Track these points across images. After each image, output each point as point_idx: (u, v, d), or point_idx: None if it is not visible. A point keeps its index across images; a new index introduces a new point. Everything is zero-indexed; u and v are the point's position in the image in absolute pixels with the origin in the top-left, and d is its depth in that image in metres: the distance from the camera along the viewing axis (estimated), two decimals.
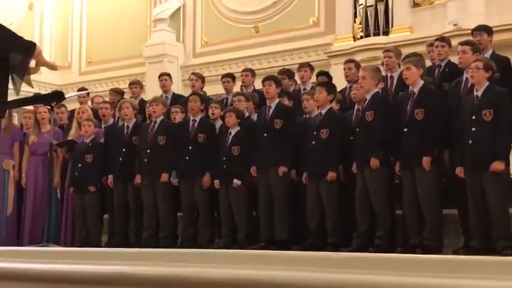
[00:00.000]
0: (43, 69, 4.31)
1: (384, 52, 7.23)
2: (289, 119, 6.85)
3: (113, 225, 7.75)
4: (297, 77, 8.27)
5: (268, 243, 6.58)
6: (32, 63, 4.09)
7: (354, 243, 6.07)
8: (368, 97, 6.23)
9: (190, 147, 7.25)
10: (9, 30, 4.62)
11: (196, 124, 7.35)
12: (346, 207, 6.33)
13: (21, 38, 4.64)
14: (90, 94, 9.88)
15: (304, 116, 7.04)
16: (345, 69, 7.50)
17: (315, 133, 6.49)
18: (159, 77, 9.19)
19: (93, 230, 7.74)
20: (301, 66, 8.29)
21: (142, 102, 8.68)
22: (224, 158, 6.99)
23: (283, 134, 6.76)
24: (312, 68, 8.28)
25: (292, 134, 6.75)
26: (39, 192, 7.94)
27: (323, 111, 6.55)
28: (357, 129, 6.25)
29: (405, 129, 5.92)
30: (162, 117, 7.58)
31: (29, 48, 4.54)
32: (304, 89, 7.84)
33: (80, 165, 7.80)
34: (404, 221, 5.98)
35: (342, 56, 9.69)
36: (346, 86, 7.45)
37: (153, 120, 7.57)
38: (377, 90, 6.28)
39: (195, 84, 8.70)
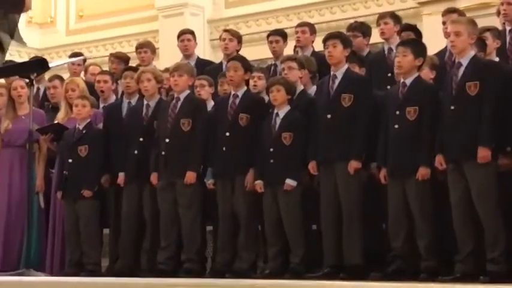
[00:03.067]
0: None
1: None
2: (362, 94, 6.78)
3: (116, 243, 7.80)
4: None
5: (334, 270, 6.55)
6: None
7: (458, 268, 6.03)
8: (464, 62, 6.19)
9: (227, 134, 7.24)
10: None
11: (237, 101, 7.32)
12: (442, 217, 6.28)
13: None
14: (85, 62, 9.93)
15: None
16: (444, 22, 7.43)
17: (397, 112, 6.45)
18: (178, 36, 9.21)
19: (90, 251, 7.77)
20: (381, 17, 8.27)
21: None
22: (271, 150, 6.97)
23: (353, 114, 6.70)
24: (397, 20, 8.21)
25: (367, 114, 6.70)
26: (15, 198, 8.01)
27: (408, 82, 6.51)
28: (452, 107, 6.17)
29: None
30: (187, 92, 7.56)
31: (17, 3, 4.69)
32: (389, 49, 7.82)
33: (70, 160, 7.84)
34: None
35: (439, 2, 9.53)
36: (446, 47, 7.37)
37: (175, 96, 7.57)
38: (474, 52, 6.22)
39: (229, 46, 8.73)
